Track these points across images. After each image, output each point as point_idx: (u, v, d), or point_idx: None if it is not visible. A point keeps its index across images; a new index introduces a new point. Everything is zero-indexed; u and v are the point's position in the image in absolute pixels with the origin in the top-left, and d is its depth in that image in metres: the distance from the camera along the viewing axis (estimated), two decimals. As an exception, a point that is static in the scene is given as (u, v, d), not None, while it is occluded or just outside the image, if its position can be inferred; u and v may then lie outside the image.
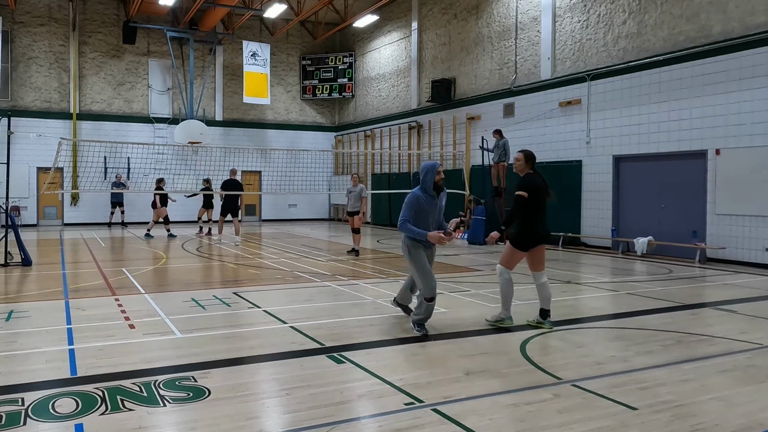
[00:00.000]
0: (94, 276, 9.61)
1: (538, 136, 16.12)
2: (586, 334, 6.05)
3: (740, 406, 3.95)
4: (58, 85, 22.36)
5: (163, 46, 23.74)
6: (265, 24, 25.42)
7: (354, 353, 5.07)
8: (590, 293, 8.41)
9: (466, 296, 7.85)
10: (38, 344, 5.35)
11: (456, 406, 3.86)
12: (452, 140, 19.70)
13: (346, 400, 4.01)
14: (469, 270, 10.62)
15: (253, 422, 3.61)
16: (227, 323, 6.26)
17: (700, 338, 5.77)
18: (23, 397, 3.95)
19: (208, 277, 10.07)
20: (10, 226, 10.65)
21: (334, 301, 7.58)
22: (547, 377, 4.49)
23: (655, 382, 4.40)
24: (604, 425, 3.58)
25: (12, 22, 21.53)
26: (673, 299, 7.86)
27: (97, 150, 20.78)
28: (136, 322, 6.23)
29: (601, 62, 14.46)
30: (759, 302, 7.82)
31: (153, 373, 4.50)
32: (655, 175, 13.25)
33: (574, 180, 14.87)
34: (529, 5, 16.63)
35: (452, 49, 19.78)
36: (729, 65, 11.68)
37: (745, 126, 11.41)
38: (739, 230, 11.54)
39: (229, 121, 25.22)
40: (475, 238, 15.57)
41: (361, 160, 25.34)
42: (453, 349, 5.31)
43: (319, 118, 27.26)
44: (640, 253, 12.87)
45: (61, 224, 22.30)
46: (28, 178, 21.43)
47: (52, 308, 6.94)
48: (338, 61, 26.16)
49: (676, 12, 12.73)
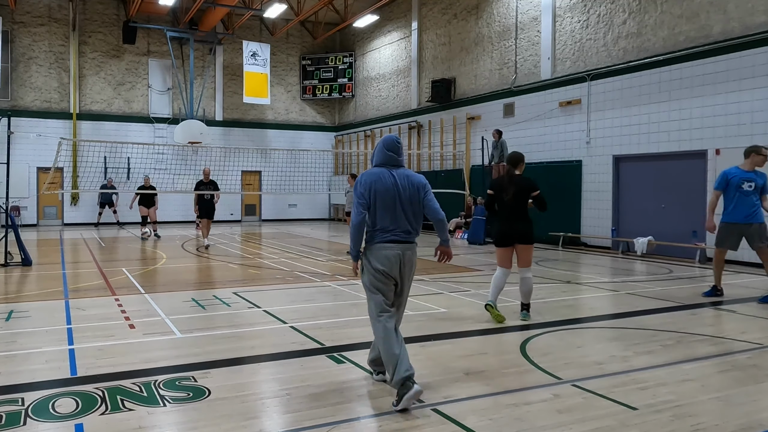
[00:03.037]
0: (94, 276, 9.61)
1: (538, 136, 16.12)
2: (586, 334, 6.05)
3: (740, 406, 3.95)
4: (58, 85, 22.36)
5: (163, 46, 23.74)
6: (265, 24, 25.42)
7: (354, 353, 5.07)
8: (590, 293, 8.40)
9: (466, 296, 7.85)
10: (38, 344, 5.34)
11: (456, 406, 3.86)
12: (452, 140, 19.70)
13: (346, 400, 4.00)
14: (470, 270, 10.62)
15: (253, 422, 3.61)
16: (227, 323, 6.26)
17: (700, 338, 5.77)
18: (23, 397, 3.95)
19: (208, 277, 10.07)
20: (10, 226, 10.65)
21: (334, 301, 7.58)
22: (547, 377, 4.49)
23: (655, 382, 4.40)
24: (604, 425, 3.57)
25: (12, 22, 21.52)
26: (673, 299, 7.86)
27: (97, 150, 20.79)
28: (136, 322, 6.23)
29: (601, 62, 14.45)
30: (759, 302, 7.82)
31: (153, 373, 4.49)
32: (655, 175, 13.25)
33: (574, 180, 14.86)
34: (529, 5, 16.62)
35: (452, 49, 19.77)
36: (729, 65, 11.68)
37: (745, 126, 11.41)
38: (739, 230, 11.52)
39: (229, 121, 25.21)
40: (475, 238, 15.57)
41: (361, 160, 25.33)
42: (453, 349, 5.31)
43: (319, 118, 27.25)
44: (640, 253, 12.87)
45: (61, 224, 22.30)
46: (28, 178, 21.43)
47: (52, 308, 6.93)
48: (338, 61, 26.16)
49: (676, 12, 12.72)
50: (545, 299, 7.77)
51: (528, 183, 6.43)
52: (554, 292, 8.35)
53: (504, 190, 6.39)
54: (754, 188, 7.56)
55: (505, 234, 6.40)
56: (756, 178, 7.58)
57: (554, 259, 12.35)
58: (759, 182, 7.58)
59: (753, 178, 7.58)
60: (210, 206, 14.32)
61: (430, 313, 6.80)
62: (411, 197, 4.19)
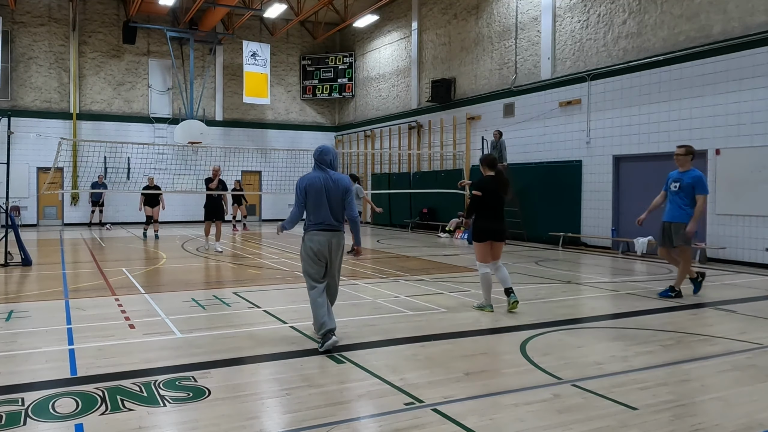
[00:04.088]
0: (94, 276, 9.61)
1: (538, 136, 16.12)
2: (586, 334, 6.05)
3: (740, 406, 3.95)
4: (58, 85, 22.36)
5: (163, 46, 23.73)
6: (265, 24, 25.42)
7: (354, 353, 5.07)
8: (590, 293, 8.40)
9: (466, 296, 7.84)
10: (38, 344, 5.34)
11: (456, 406, 3.86)
12: (452, 140, 19.70)
13: (346, 400, 4.00)
14: (470, 270, 10.62)
15: (253, 422, 3.60)
16: (227, 323, 6.26)
17: (700, 338, 5.77)
18: (23, 397, 3.95)
19: (208, 277, 10.07)
20: (10, 226, 10.65)
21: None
22: (547, 377, 4.49)
23: (655, 382, 4.40)
24: (604, 425, 3.57)
25: (12, 22, 21.52)
26: (673, 299, 7.86)
27: (97, 150, 20.79)
28: (136, 322, 6.23)
29: (601, 62, 14.45)
30: (759, 302, 7.82)
31: (153, 373, 4.49)
32: (655, 175, 13.21)
33: (574, 180, 14.86)
34: (529, 5, 16.62)
35: (452, 49, 19.77)
36: (729, 65, 11.68)
37: (745, 126, 11.41)
38: (739, 230, 11.54)
39: (229, 121, 25.21)
40: (475, 238, 15.54)
41: (361, 160, 25.34)
42: (453, 349, 5.31)
43: (319, 118, 27.25)
44: (640, 253, 12.87)
45: (61, 224, 22.30)
46: (28, 178, 21.43)
47: (52, 308, 6.93)
48: (338, 61, 26.16)
49: (676, 12, 12.72)
50: (545, 299, 7.77)
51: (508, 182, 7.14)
52: (554, 292, 8.35)
53: (503, 189, 6.95)
54: (678, 188, 7.84)
55: (491, 230, 6.87)
56: (682, 178, 7.83)
57: (554, 259, 12.35)
58: (685, 182, 7.82)
59: (679, 178, 7.86)
60: (218, 206, 13.51)
61: (430, 313, 6.80)
62: (337, 196, 5.38)
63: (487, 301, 6.95)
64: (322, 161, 5.52)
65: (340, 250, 5.47)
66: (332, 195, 5.35)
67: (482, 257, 6.94)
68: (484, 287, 6.94)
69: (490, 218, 6.88)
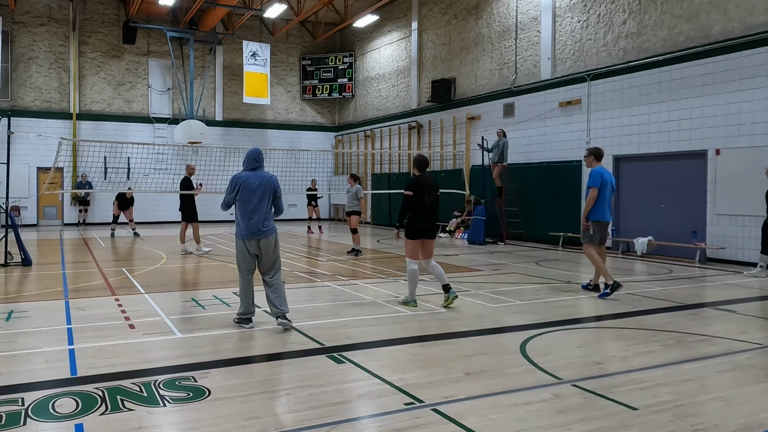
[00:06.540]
0: (94, 276, 9.61)
1: (538, 136, 16.11)
2: (586, 334, 6.05)
3: (740, 406, 3.95)
4: (58, 85, 22.35)
5: (163, 46, 23.73)
6: (265, 24, 25.42)
7: (354, 353, 5.07)
8: (590, 293, 8.40)
9: (466, 296, 7.84)
10: (38, 344, 5.34)
11: (456, 406, 3.86)
12: (452, 140, 19.69)
13: (346, 400, 4.00)
14: (470, 270, 10.62)
15: (253, 422, 3.60)
16: (227, 323, 6.26)
17: (700, 338, 5.77)
18: (23, 397, 3.95)
19: (208, 277, 10.07)
20: (10, 226, 10.65)
21: (334, 301, 7.58)
22: (547, 377, 4.49)
23: (655, 382, 4.40)
24: (604, 425, 3.58)
25: (12, 22, 21.52)
26: (673, 299, 7.86)
27: (97, 150, 20.76)
28: (136, 322, 6.23)
29: (601, 62, 14.45)
30: (759, 302, 7.83)
31: (153, 373, 4.50)
32: (655, 175, 13.24)
33: (574, 180, 14.85)
34: (529, 5, 16.62)
35: (452, 49, 19.77)
36: (729, 65, 11.68)
37: (745, 126, 11.41)
38: (739, 230, 11.54)
39: (229, 121, 25.21)
40: (475, 238, 15.56)
41: (361, 160, 25.34)
42: (453, 349, 5.31)
43: (319, 118, 27.25)
44: (640, 253, 12.87)
45: (61, 224, 22.30)
46: (28, 178, 21.42)
47: (52, 308, 6.93)
48: (338, 61, 26.16)
49: (676, 12, 12.72)
50: (545, 299, 7.78)
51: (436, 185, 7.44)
52: (554, 292, 8.35)
53: (428, 192, 7.15)
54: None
55: (422, 229, 7.16)
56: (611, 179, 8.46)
57: (554, 259, 12.35)
58: (613, 182, 8.49)
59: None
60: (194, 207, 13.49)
61: (430, 313, 6.81)
62: (267, 193, 5.92)
63: (411, 296, 7.22)
64: (258, 159, 6.04)
65: (272, 243, 6.06)
66: (264, 193, 5.92)
67: (412, 254, 7.19)
68: (410, 283, 7.20)
69: (422, 217, 7.13)
